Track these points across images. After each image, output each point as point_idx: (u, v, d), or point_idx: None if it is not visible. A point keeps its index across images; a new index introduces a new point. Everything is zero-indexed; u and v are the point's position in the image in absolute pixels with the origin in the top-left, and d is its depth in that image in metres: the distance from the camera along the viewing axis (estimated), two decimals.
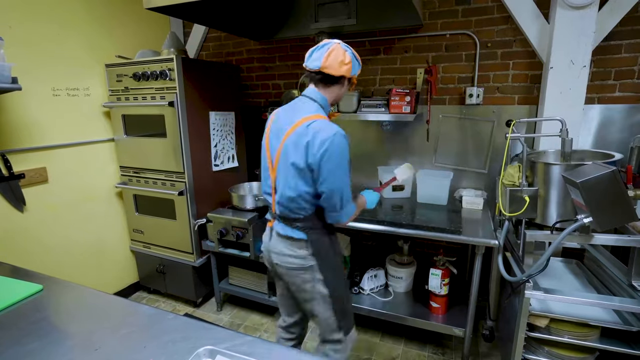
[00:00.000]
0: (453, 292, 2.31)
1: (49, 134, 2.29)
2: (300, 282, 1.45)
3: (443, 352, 2.24)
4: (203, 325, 1.07)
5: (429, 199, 2.38)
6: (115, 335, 1.03)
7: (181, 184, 2.46)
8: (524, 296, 1.61)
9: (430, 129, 2.52)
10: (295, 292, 1.51)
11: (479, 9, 2.30)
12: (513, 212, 1.70)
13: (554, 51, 2.04)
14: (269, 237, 1.52)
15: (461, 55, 2.41)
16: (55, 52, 2.28)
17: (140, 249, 2.83)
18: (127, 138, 2.61)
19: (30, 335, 1.02)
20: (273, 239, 1.48)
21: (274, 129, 1.43)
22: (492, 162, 2.45)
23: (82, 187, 2.52)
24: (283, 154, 1.35)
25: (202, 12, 2.25)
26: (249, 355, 0.91)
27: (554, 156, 1.90)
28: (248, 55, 3.05)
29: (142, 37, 2.85)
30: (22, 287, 1.27)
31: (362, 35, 2.61)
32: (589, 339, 1.60)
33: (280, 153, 1.36)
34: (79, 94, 2.45)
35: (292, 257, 1.42)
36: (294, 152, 1.31)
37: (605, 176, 1.35)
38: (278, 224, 1.46)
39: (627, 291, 1.62)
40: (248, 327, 2.54)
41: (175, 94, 2.30)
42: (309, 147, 1.27)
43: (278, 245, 1.45)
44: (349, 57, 1.37)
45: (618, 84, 2.13)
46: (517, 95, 2.34)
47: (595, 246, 1.99)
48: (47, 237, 2.33)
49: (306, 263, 1.41)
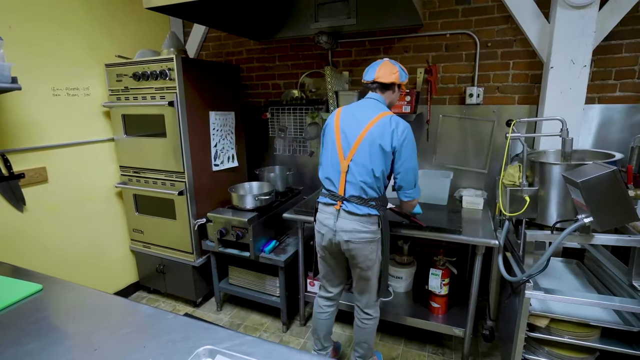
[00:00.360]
0: (453, 292, 2.31)
1: (48, 134, 2.29)
2: (368, 253, 1.70)
3: (443, 352, 2.24)
4: (203, 325, 1.07)
5: (429, 199, 2.38)
6: (115, 335, 1.03)
7: (181, 184, 2.45)
8: (524, 296, 1.61)
9: (431, 128, 2.53)
10: (361, 262, 1.73)
11: (479, 9, 2.30)
12: (513, 212, 1.70)
13: (554, 51, 2.04)
14: (334, 219, 1.70)
15: (461, 55, 2.41)
16: (55, 52, 2.28)
17: (140, 249, 2.83)
18: (127, 138, 2.60)
19: (29, 335, 1.02)
20: (341, 219, 1.69)
21: (349, 124, 1.68)
22: (492, 162, 2.45)
23: (82, 187, 2.52)
24: (366, 141, 1.62)
25: (202, 11, 2.25)
26: (249, 355, 0.91)
27: (555, 156, 1.90)
28: (248, 55, 3.05)
29: (142, 37, 2.85)
30: (21, 286, 1.27)
31: (362, 35, 2.61)
32: (590, 339, 1.60)
33: (361, 140, 1.62)
34: (79, 94, 2.45)
35: (365, 232, 1.66)
36: (380, 138, 1.60)
37: (605, 176, 1.35)
38: (349, 204, 1.66)
39: (628, 291, 1.62)
40: (248, 327, 2.54)
41: (175, 93, 2.30)
42: (394, 134, 1.60)
43: (349, 224, 1.67)
44: (397, 68, 1.71)
45: (618, 83, 2.12)
46: (517, 95, 2.34)
47: (596, 246, 1.99)
48: (46, 237, 2.32)
49: (376, 236, 1.69)
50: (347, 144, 1.66)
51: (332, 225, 1.71)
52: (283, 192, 2.71)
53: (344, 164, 1.67)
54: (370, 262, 1.72)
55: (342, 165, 1.68)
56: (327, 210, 1.74)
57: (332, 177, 1.72)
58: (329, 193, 1.74)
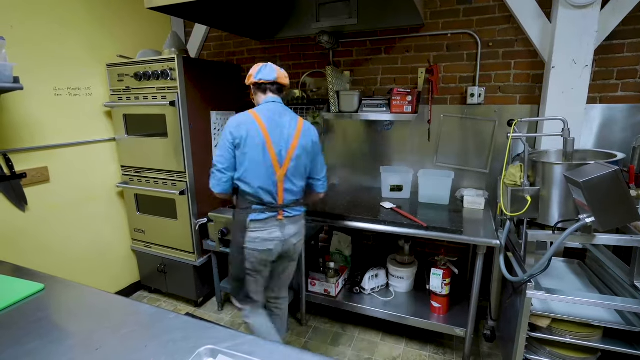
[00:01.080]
0: (454, 292, 2.31)
1: (50, 134, 2.29)
2: (300, 248, 1.84)
3: (444, 352, 2.24)
4: (204, 324, 1.07)
5: (430, 199, 2.38)
6: (116, 334, 1.03)
7: (182, 184, 2.46)
8: (526, 296, 1.60)
9: (432, 128, 2.52)
10: (293, 260, 1.87)
11: (480, 9, 2.30)
12: (515, 212, 1.70)
13: (556, 51, 2.04)
14: (280, 230, 1.71)
15: (463, 55, 2.40)
16: (56, 52, 2.28)
17: (141, 249, 2.83)
18: (129, 138, 2.61)
19: (31, 335, 1.03)
20: (287, 227, 1.73)
21: (275, 132, 1.65)
22: (494, 162, 2.44)
23: (84, 187, 2.52)
24: (298, 148, 1.67)
25: (204, 11, 2.25)
26: (250, 354, 0.91)
27: (556, 156, 1.89)
28: (249, 55, 3.05)
29: (143, 37, 2.85)
30: (23, 286, 1.28)
31: (364, 35, 2.61)
32: (591, 340, 1.60)
33: (295, 148, 1.67)
34: (81, 94, 2.45)
35: (303, 227, 1.81)
36: (306, 143, 1.70)
37: (607, 176, 1.34)
38: (289, 210, 1.72)
39: (630, 291, 1.61)
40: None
41: (177, 93, 2.30)
42: (314, 138, 1.74)
43: (294, 228, 1.75)
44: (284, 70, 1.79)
45: (620, 83, 2.12)
46: (518, 94, 2.33)
47: (597, 246, 1.99)
48: (48, 236, 2.33)
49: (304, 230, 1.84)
50: (281, 153, 1.64)
51: (280, 237, 1.70)
52: None
53: (280, 173, 1.65)
54: (296, 255, 1.87)
55: (278, 174, 1.65)
56: (270, 224, 1.68)
57: (269, 187, 1.65)
58: (266, 206, 1.66)
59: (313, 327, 2.51)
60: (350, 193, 2.66)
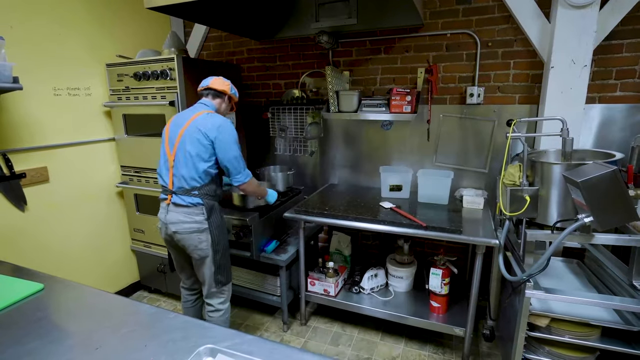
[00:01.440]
0: (453, 291, 2.31)
1: (50, 134, 2.29)
2: (197, 243, 1.80)
3: (443, 351, 2.24)
4: (203, 324, 1.08)
5: (429, 199, 2.38)
6: (116, 334, 1.03)
7: None
8: (525, 296, 1.61)
9: (431, 128, 2.52)
10: (192, 252, 1.83)
11: (479, 9, 2.30)
12: (514, 212, 1.70)
13: (554, 50, 2.04)
14: (165, 212, 1.82)
15: (462, 55, 2.41)
16: (56, 52, 2.28)
17: (141, 249, 2.83)
18: (128, 137, 2.61)
19: (30, 334, 1.03)
20: (170, 212, 1.80)
21: (175, 123, 1.84)
22: (493, 162, 2.45)
23: (83, 187, 2.52)
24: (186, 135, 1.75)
25: (203, 11, 2.25)
26: (249, 354, 0.91)
27: (555, 156, 1.90)
28: (249, 55, 3.05)
29: (143, 37, 2.85)
30: (23, 286, 1.28)
31: (363, 35, 2.61)
32: (590, 339, 1.60)
33: (182, 135, 1.77)
34: (80, 94, 2.45)
35: (189, 222, 1.77)
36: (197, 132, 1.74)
37: (606, 176, 1.35)
38: (176, 197, 1.78)
39: (628, 291, 1.62)
40: (249, 327, 2.54)
41: (176, 93, 2.30)
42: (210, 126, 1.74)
43: (175, 216, 1.78)
44: (228, 82, 1.94)
45: (619, 83, 2.12)
46: (517, 94, 2.34)
47: (596, 246, 1.99)
48: (48, 236, 2.33)
49: (203, 226, 1.79)
50: (172, 140, 1.81)
51: (163, 219, 1.83)
52: (284, 192, 2.71)
53: (170, 159, 1.80)
54: (201, 251, 1.82)
55: (169, 160, 1.80)
56: (162, 205, 1.86)
57: (163, 173, 1.85)
58: (162, 189, 1.86)
59: (312, 326, 2.51)
60: (349, 193, 2.67)
